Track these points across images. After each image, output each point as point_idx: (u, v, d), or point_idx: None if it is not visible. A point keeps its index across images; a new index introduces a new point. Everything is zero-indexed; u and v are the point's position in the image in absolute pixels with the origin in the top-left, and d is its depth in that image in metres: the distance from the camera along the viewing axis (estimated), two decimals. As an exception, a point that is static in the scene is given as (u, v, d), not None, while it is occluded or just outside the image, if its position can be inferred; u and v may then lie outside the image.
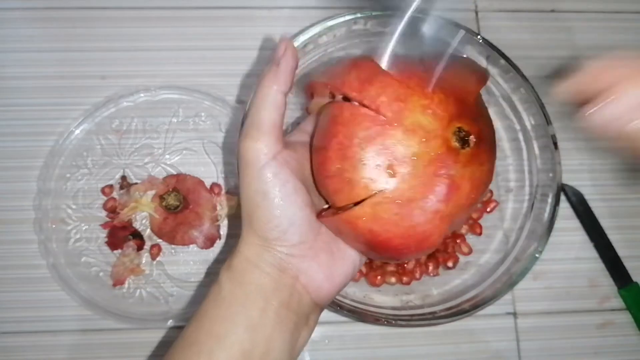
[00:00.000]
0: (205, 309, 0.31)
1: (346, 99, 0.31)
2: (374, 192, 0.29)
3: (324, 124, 0.32)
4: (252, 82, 0.50)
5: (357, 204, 0.30)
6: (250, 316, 0.30)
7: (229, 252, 0.33)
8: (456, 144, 0.30)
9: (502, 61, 0.44)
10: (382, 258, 0.32)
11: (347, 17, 0.42)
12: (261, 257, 0.31)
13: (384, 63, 0.31)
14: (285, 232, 0.30)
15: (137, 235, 0.47)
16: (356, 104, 0.30)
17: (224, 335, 0.30)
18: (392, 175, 0.29)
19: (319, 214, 0.33)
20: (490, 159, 0.32)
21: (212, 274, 0.47)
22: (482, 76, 0.34)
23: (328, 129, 0.31)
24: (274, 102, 0.31)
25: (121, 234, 0.46)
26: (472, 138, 0.30)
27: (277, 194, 0.30)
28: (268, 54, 0.51)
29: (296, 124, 0.45)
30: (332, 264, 0.32)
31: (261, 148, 0.30)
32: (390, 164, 0.29)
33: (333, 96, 0.33)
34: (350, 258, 0.33)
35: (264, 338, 0.30)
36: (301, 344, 0.32)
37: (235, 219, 0.48)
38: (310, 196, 0.32)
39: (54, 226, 0.46)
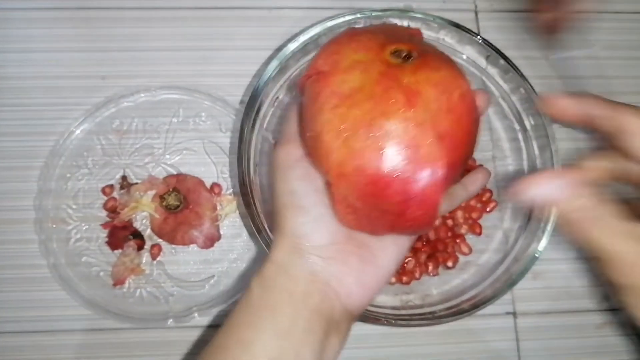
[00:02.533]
0: (235, 316, 0.31)
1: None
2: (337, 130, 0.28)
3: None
4: (252, 83, 0.50)
5: None
6: (279, 322, 0.29)
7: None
8: (396, 60, 0.29)
9: (502, 61, 0.44)
10: (398, 209, 0.29)
11: (347, 17, 0.43)
12: (291, 261, 0.30)
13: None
14: (313, 230, 0.30)
15: (138, 235, 0.47)
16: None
17: (251, 342, 0.29)
18: (348, 108, 0.28)
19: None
20: (446, 65, 0.30)
21: (212, 273, 0.47)
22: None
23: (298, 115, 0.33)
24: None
25: (121, 234, 0.46)
26: (413, 53, 0.29)
27: (304, 192, 0.31)
28: (268, 54, 0.51)
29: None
30: (363, 270, 0.31)
31: (290, 151, 0.32)
32: (340, 102, 0.28)
33: None
34: (382, 264, 0.32)
35: (292, 346, 0.29)
36: (332, 352, 0.31)
37: (236, 219, 0.48)
38: None
39: (54, 226, 0.46)
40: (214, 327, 0.46)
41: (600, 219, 0.25)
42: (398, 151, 0.27)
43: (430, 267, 0.46)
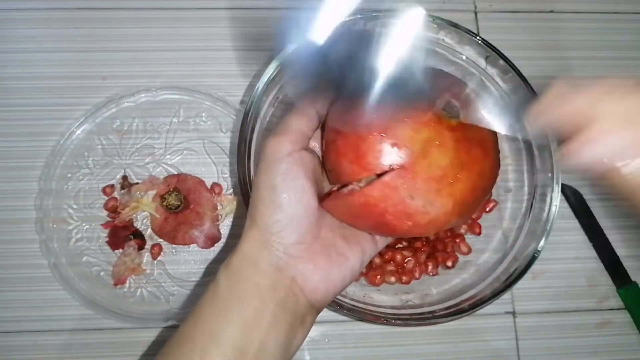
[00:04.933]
0: (201, 307, 0.31)
1: None
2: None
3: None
4: (253, 83, 0.51)
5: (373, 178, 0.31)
6: (245, 314, 0.30)
7: (230, 251, 0.33)
8: (448, 116, 0.31)
9: (501, 61, 0.44)
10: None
11: (347, 18, 0.43)
12: (260, 254, 0.31)
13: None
14: (284, 228, 0.31)
15: (138, 235, 0.47)
16: None
17: (218, 333, 0.30)
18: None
19: (322, 199, 0.33)
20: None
21: (212, 272, 0.47)
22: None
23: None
24: (307, 115, 0.33)
25: (122, 234, 0.47)
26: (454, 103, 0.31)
27: (285, 190, 0.31)
28: (269, 55, 0.51)
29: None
30: (329, 268, 0.32)
31: (280, 143, 0.31)
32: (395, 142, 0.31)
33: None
34: (348, 264, 0.33)
35: (258, 336, 0.30)
36: (297, 344, 0.32)
37: (236, 219, 0.48)
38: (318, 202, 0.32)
39: (55, 226, 0.46)
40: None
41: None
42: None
43: (430, 267, 0.46)
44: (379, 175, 0.30)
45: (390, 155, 0.30)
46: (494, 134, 0.33)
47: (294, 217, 0.31)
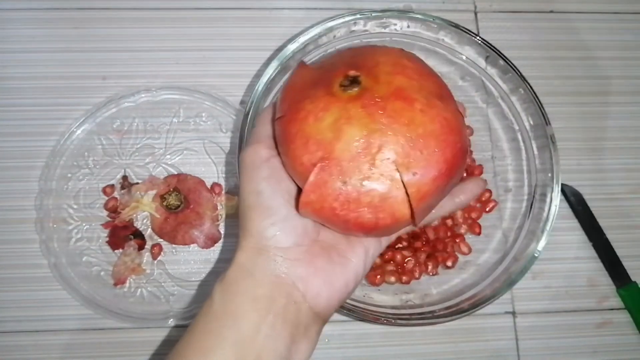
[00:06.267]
0: (195, 325, 0.30)
1: None
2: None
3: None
4: (253, 83, 0.51)
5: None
6: (241, 329, 0.29)
7: (229, 254, 0.33)
8: (345, 91, 0.29)
9: (501, 61, 0.44)
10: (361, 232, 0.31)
11: (347, 18, 0.43)
12: (256, 263, 0.30)
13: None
14: (280, 230, 0.30)
15: (138, 235, 0.47)
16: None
17: (210, 351, 0.29)
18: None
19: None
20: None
21: (215, 273, 0.47)
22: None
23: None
24: (270, 124, 0.34)
25: (122, 234, 0.47)
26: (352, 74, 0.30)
27: (271, 193, 0.30)
28: (269, 55, 0.51)
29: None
30: (331, 270, 0.31)
31: (257, 151, 0.32)
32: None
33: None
34: (351, 266, 0.32)
35: (253, 352, 0.28)
36: (299, 358, 0.30)
37: (236, 219, 0.48)
38: None
39: (55, 226, 0.46)
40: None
41: None
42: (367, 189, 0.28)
43: (430, 267, 0.46)
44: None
45: (307, 155, 0.29)
46: (415, 77, 0.30)
47: (287, 219, 0.30)
